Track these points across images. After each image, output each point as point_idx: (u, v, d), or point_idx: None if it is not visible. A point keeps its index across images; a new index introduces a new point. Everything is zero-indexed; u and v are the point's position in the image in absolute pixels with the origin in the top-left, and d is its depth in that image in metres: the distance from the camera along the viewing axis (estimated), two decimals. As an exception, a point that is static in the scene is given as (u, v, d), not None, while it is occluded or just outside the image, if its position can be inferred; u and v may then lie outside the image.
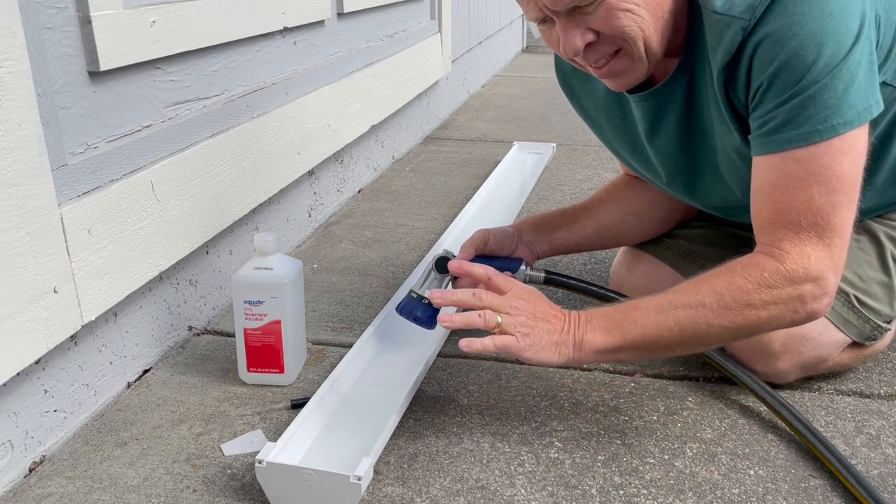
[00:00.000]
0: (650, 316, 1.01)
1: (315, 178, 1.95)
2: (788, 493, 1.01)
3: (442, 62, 2.93)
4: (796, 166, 0.97)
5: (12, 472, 1.05)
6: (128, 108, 1.22)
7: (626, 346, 1.02)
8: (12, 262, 0.98)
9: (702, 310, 1.00)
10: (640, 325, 1.01)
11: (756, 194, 1.03)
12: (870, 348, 1.23)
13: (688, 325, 1.00)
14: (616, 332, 1.02)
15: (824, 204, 0.97)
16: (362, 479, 0.94)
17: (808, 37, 0.93)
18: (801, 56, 0.93)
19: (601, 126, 1.32)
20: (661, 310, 1.01)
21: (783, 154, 0.98)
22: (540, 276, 1.28)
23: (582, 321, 1.03)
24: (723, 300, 0.99)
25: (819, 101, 0.94)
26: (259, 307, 1.20)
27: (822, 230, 0.98)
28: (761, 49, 0.96)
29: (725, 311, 0.99)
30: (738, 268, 1.01)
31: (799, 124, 0.96)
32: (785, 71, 0.95)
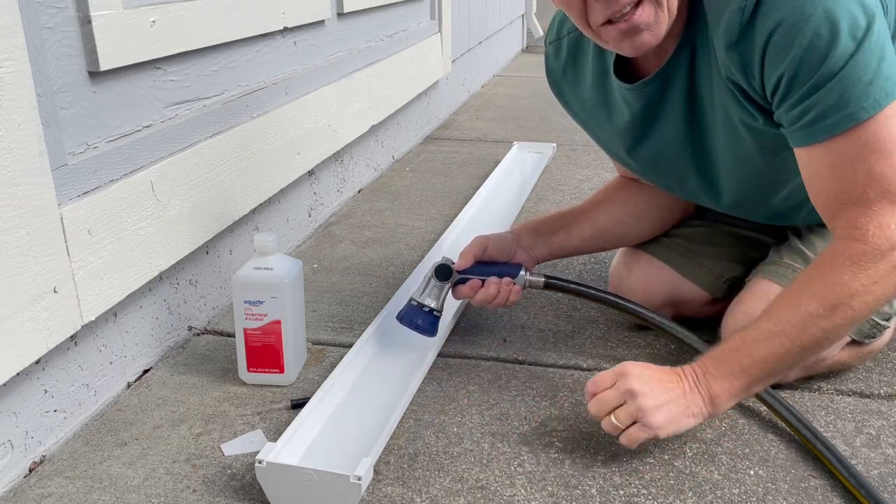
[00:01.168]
0: (764, 346, 1.00)
1: (315, 178, 1.95)
2: (788, 493, 1.01)
3: (442, 62, 2.93)
4: (847, 143, 0.96)
5: (12, 472, 1.05)
6: (128, 108, 1.22)
7: (753, 382, 1.01)
8: (12, 262, 0.98)
9: (811, 319, 0.98)
10: (758, 358, 1.00)
11: (814, 182, 1.02)
12: (869, 346, 1.23)
13: (804, 338, 0.99)
14: (738, 374, 1.00)
15: (885, 170, 0.96)
16: (362, 479, 0.94)
17: (823, 17, 0.92)
18: (821, 37, 0.92)
19: (591, 127, 1.32)
20: (773, 335, 0.99)
21: (832, 140, 0.97)
22: (540, 280, 1.28)
23: (700, 374, 1.01)
24: (827, 301, 0.97)
25: (855, 80, 0.93)
26: (259, 307, 1.20)
27: (892, 195, 0.96)
28: (777, 37, 0.95)
29: (834, 311, 0.97)
30: (825, 265, 0.99)
31: (840, 107, 0.95)
32: (809, 57, 0.94)
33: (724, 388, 1.00)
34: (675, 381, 1.01)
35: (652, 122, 1.18)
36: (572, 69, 1.27)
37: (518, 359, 1.33)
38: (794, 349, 0.99)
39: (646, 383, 1.00)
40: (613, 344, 1.38)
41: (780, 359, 1.00)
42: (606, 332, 1.42)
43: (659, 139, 1.20)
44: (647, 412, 0.99)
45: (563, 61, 1.28)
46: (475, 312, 1.48)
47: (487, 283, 1.25)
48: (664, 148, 1.21)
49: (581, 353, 1.35)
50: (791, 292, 1.02)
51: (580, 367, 1.31)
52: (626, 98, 1.18)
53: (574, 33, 1.24)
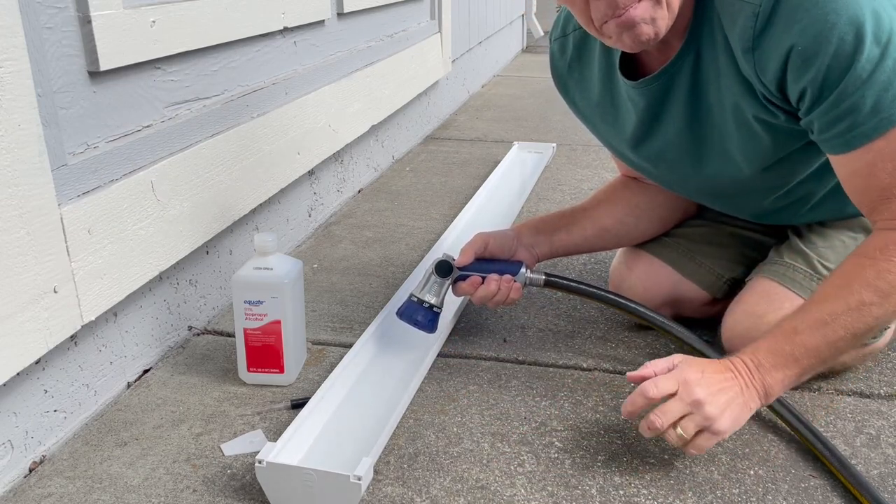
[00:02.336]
0: (816, 334, 0.99)
1: (315, 178, 1.95)
2: (788, 492, 1.01)
3: (442, 62, 2.93)
4: (886, 142, 0.97)
5: (12, 472, 1.05)
6: (128, 108, 1.22)
7: (805, 370, 1.01)
8: (12, 262, 0.98)
9: (865, 307, 0.98)
10: (811, 348, 0.99)
11: (853, 180, 1.02)
12: (869, 347, 1.23)
13: (857, 326, 0.99)
14: (791, 363, 1.00)
15: None
16: (362, 479, 0.94)
17: (847, 23, 0.92)
18: (847, 44, 0.93)
19: (596, 124, 1.32)
20: (825, 323, 0.99)
21: (869, 145, 0.97)
22: (540, 278, 1.28)
23: (753, 368, 1.01)
24: (880, 290, 0.97)
25: (886, 84, 0.93)
26: (259, 307, 1.20)
27: None
28: (801, 46, 0.95)
29: (888, 298, 0.98)
30: (874, 253, 0.99)
31: (875, 113, 0.95)
32: (837, 64, 0.94)
33: (778, 378, 1.00)
34: (731, 378, 1.00)
35: (656, 120, 1.18)
36: (578, 66, 1.27)
37: (518, 359, 1.33)
38: (847, 336, 0.99)
39: (707, 389, 0.98)
40: (613, 344, 1.38)
41: (833, 346, 0.99)
42: (606, 332, 1.42)
43: (662, 138, 1.20)
44: (714, 420, 0.97)
45: (568, 58, 1.28)
46: (475, 312, 1.48)
47: (488, 280, 1.25)
48: (666, 146, 1.21)
49: (581, 353, 1.35)
50: (841, 280, 1.01)
51: (580, 367, 1.31)
52: (630, 96, 1.18)
53: (580, 30, 1.23)
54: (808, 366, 1.00)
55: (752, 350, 1.02)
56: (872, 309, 0.98)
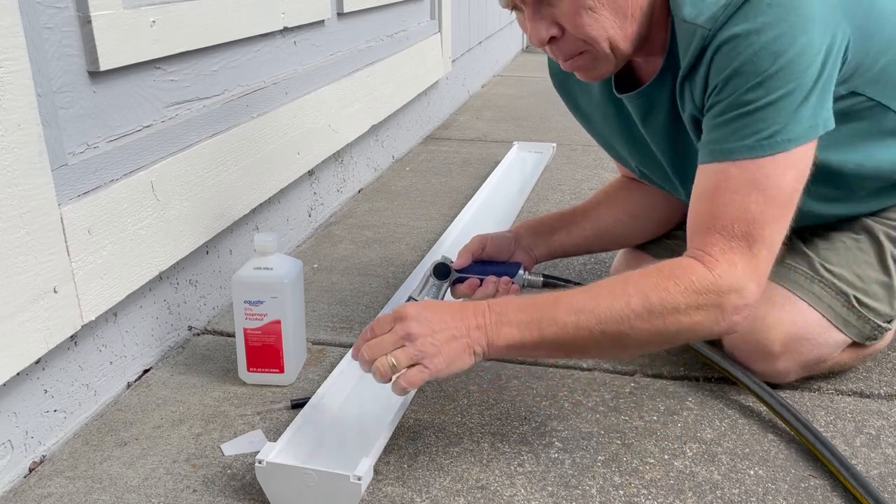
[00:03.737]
0: (571, 315, 0.96)
1: (315, 178, 1.95)
2: (788, 492, 1.01)
3: (442, 62, 2.93)
4: (738, 172, 0.97)
5: (12, 472, 1.05)
6: (128, 108, 1.22)
7: (541, 344, 0.98)
8: (12, 262, 0.98)
9: (626, 311, 0.95)
10: (559, 324, 0.96)
11: (694, 198, 1.02)
12: (870, 348, 1.23)
13: (610, 326, 0.96)
14: (534, 328, 0.97)
15: (759, 214, 0.96)
16: (362, 479, 0.94)
17: (765, 46, 0.93)
18: (756, 64, 0.93)
19: (597, 124, 1.32)
20: (584, 310, 0.96)
21: (727, 163, 0.98)
22: (538, 280, 1.28)
23: (492, 315, 0.98)
24: (649, 302, 0.95)
25: (768, 115, 0.94)
26: (259, 307, 1.20)
27: (753, 240, 0.96)
28: (720, 52, 0.96)
29: (650, 315, 0.95)
30: (667, 270, 0.98)
31: (746, 136, 0.95)
32: (739, 77, 0.95)
33: (513, 335, 0.97)
34: (460, 318, 0.97)
35: (646, 129, 1.19)
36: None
37: (518, 359, 1.33)
38: (595, 332, 0.96)
39: (426, 324, 0.96)
40: (613, 344, 1.38)
41: (578, 335, 0.96)
42: (606, 332, 1.42)
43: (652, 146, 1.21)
44: (427, 355, 0.95)
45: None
46: (475, 312, 1.48)
47: (486, 281, 1.25)
48: (653, 158, 1.22)
49: (581, 353, 1.35)
50: (625, 278, 0.99)
51: (580, 367, 1.31)
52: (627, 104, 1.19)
53: None
54: (546, 340, 0.97)
55: (505, 301, 1.00)
56: (632, 317, 0.95)
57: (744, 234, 0.96)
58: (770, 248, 0.98)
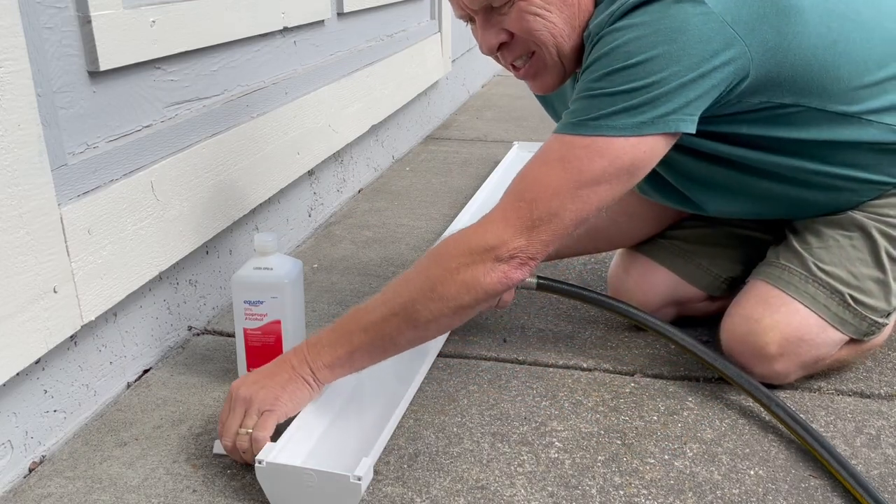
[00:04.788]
0: (368, 316, 1.03)
1: (315, 178, 1.95)
2: (788, 493, 1.01)
3: (442, 62, 2.93)
4: (557, 146, 1.02)
5: (12, 472, 1.05)
6: (128, 108, 1.22)
7: (357, 352, 1.04)
8: (12, 262, 0.98)
9: (410, 285, 1.02)
10: (361, 327, 1.03)
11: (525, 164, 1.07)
12: (868, 343, 1.23)
13: (398, 306, 1.01)
14: (343, 341, 1.04)
15: (552, 184, 0.99)
16: (362, 479, 0.94)
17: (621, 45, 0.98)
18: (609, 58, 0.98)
19: None
20: (376, 308, 1.03)
21: (557, 136, 1.03)
22: (532, 282, 1.28)
23: (310, 345, 1.05)
24: (428, 274, 1.01)
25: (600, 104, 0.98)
26: (259, 307, 1.20)
27: (535, 205, 0.99)
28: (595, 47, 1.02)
29: (429, 281, 1.01)
30: (451, 237, 1.04)
31: (576, 114, 1.00)
32: (594, 66, 1.00)
33: (326, 357, 1.04)
34: (281, 364, 1.05)
35: None
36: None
37: (518, 359, 1.33)
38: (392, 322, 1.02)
39: (252, 385, 1.03)
40: (613, 344, 1.38)
41: (381, 328, 1.02)
42: (606, 332, 1.42)
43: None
44: (268, 403, 1.01)
45: None
46: (475, 312, 1.48)
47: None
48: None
49: (581, 353, 1.35)
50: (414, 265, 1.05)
51: (580, 367, 1.31)
52: None
53: None
54: (357, 346, 1.03)
55: (320, 330, 1.07)
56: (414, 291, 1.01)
57: (531, 199, 1.00)
58: (552, 217, 1.00)
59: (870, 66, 1.08)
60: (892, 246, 1.19)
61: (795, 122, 1.09)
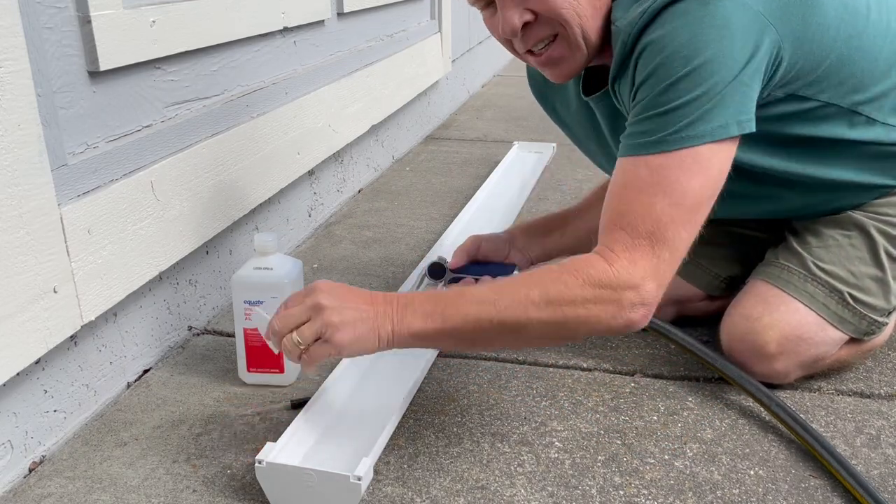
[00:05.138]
0: (474, 306, 0.98)
1: (315, 178, 1.95)
2: (789, 493, 1.01)
3: (442, 62, 2.93)
4: (647, 172, 0.98)
5: (12, 473, 1.05)
6: (128, 108, 1.22)
7: (445, 334, 0.98)
8: (12, 262, 0.98)
9: (525, 302, 0.97)
10: (461, 314, 0.97)
11: (608, 193, 1.03)
12: (869, 343, 1.24)
13: (509, 316, 0.97)
14: (437, 318, 0.98)
15: (664, 215, 0.97)
16: (362, 479, 0.94)
17: (676, 51, 0.95)
18: (668, 68, 0.96)
19: (576, 132, 1.33)
20: (486, 301, 0.98)
21: (636, 158, 0.99)
22: None
23: (400, 304, 0.98)
24: (547, 294, 0.97)
25: (677, 116, 0.96)
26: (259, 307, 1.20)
27: (656, 241, 0.97)
28: (642, 57, 0.99)
29: (547, 305, 0.97)
30: (570, 264, 1.00)
31: (654, 132, 0.97)
32: (652, 79, 0.97)
33: (416, 324, 0.97)
34: (369, 301, 0.98)
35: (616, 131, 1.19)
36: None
37: (518, 359, 1.33)
38: (495, 322, 0.97)
39: (335, 299, 0.96)
40: (613, 344, 1.38)
41: (479, 326, 0.97)
42: (606, 332, 1.42)
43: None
44: (333, 327, 0.95)
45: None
46: (475, 312, 1.48)
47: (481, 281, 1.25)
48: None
49: (581, 353, 1.35)
50: (528, 274, 1.02)
51: (580, 367, 1.31)
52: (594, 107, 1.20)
53: None
54: (448, 329, 0.98)
55: (414, 294, 1.01)
56: (530, 308, 0.97)
57: (648, 234, 0.97)
58: (673, 251, 0.98)
59: (880, 63, 1.08)
60: (890, 244, 1.19)
61: (811, 117, 1.08)
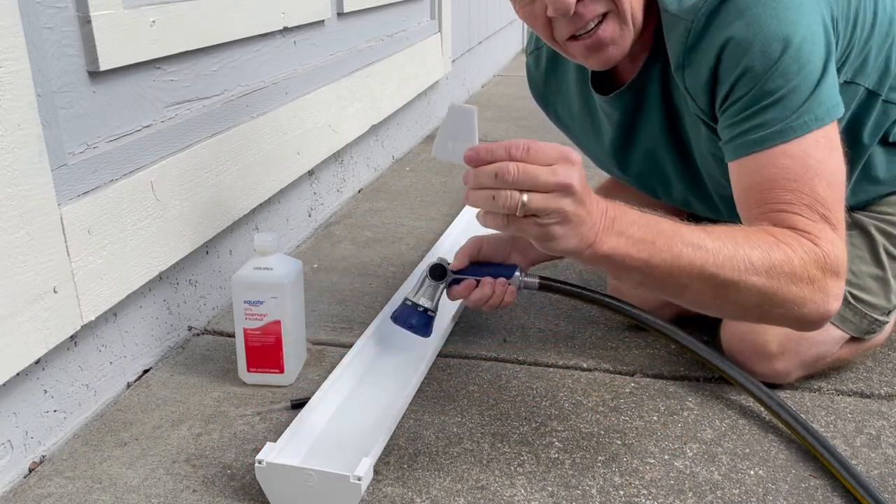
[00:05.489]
0: (688, 249, 0.88)
1: (315, 178, 1.95)
2: (789, 493, 1.01)
3: (442, 62, 2.93)
4: (790, 161, 0.94)
5: (12, 473, 1.05)
6: (128, 108, 1.21)
7: (644, 267, 0.88)
8: (12, 262, 0.98)
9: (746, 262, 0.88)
10: (673, 253, 0.87)
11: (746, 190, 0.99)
12: (869, 342, 1.24)
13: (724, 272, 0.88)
14: (645, 247, 0.87)
15: (829, 198, 0.94)
16: (362, 479, 0.94)
17: (770, 36, 0.93)
18: (767, 55, 0.93)
19: (578, 135, 1.33)
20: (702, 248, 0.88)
21: (771, 150, 0.95)
22: (534, 282, 1.27)
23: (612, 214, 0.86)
24: (770, 261, 0.88)
25: (792, 98, 0.94)
26: (259, 307, 1.20)
27: (832, 224, 0.93)
28: (725, 55, 0.96)
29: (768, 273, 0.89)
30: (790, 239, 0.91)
31: (774, 122, 0.95)
32: (752, 72, 0.95)
33: (620, 245, 0.86)
34: (595, 203, 0.85)
35: (632, 130, 1.19)
36: (554, 78, 1.28)
37: (518, 359, 1.33)
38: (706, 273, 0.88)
39: (583, 188, 0.82)
40: (614, 344, 1.38)
41: (689, 270, 0.88)
42: (606, 332, 1.42)
43: (641, 147, 1.21)
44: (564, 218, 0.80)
45: (543, 71, 1.29)
46: (475, 313, 1.48)
47: (482, 283, 1.24)
48: (647, 155, 1.22)
49: (581, 353, 1.35)
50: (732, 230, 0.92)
51: (580, 367, 1.31)
52: (604, 109, 1.19)
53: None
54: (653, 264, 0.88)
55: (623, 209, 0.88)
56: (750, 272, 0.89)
57: (823, 218, 0.93)
58: (842, 234, 0.94)
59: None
60: (890, 243, 1.19)
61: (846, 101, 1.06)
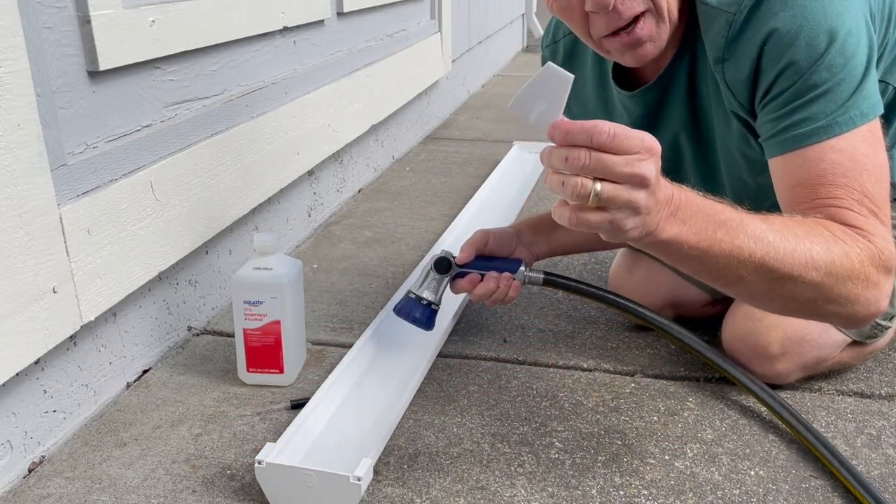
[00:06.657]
0: (749, 240, 0.85)
1: (315, 178, 1.95)
2: (789, 493, 1.01)
3: (442, 62, 2.93)
4: (838, 156, 0.93)
5: (11, 473, 1.05)
6: (127, 108, 1.21)
7: (702, 256, 0.85)
8: (11, 262, 0.98)
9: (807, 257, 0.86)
10: (735, 244, 0.85)
11: (797, 189, 0.96)
12: (870, 346, 1.23)
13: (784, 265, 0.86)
14: (707, 238, 0.84)
15: (876, 193, 0.92)
16: (362, 479, 0.94)
17: (816, 29, 0.92)
18: (813, 48, 0.92)
19: None
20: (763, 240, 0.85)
21: (818, 146, 0.94)
22: (539, 277, 1.27)
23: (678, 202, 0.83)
24: (830, 256, 0.86)
25: (836, 95, 0.93)
26: (259, 307, 1.20)
27: (881, 220, 0.92)
28: (769, 47, 0.95)
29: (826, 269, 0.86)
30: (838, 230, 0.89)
31: (820, 116, 0.93)
32: (795, 65, 0.93)
33: (682, 232, 0.83)
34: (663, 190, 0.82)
35: (653, 126, 1.18)
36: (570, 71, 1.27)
37: (518, 359, 1.33)
38: (766, 266, 0.86)
39: (657, 180, 0.79)
40: (614, 344, 1.38)
41: (744, 261, 0.86)
42: (606, 332, 1.42)
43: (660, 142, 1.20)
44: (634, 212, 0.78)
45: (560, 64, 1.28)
46: (475, 312, 1.48)
47: (487, 277, 1.24)
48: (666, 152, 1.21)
49: (581, 353, 1.35)
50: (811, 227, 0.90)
51: (580, 367, 1.31)
52: (625, 105, 1.18)
53: (570, 36, 1.24)
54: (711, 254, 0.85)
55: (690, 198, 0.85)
56: (810, 269, 0.86)
57: (871, 213, 0.91)
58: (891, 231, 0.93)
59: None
60: None
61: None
